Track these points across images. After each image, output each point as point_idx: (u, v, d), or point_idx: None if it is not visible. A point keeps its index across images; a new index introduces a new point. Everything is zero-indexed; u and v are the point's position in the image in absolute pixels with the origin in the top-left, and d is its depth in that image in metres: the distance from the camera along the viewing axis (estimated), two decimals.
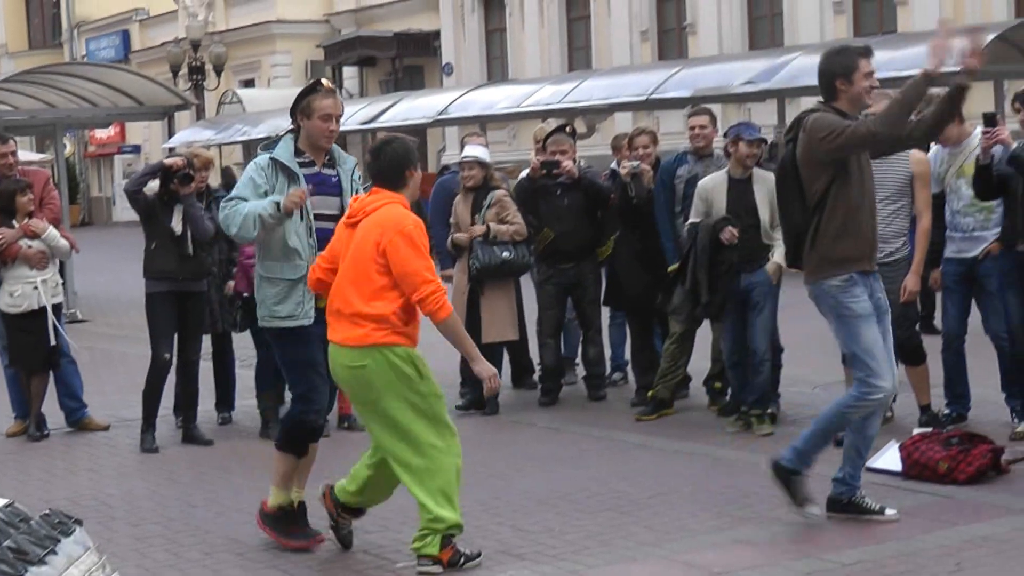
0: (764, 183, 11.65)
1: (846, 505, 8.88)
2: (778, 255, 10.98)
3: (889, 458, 10.31)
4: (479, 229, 13.08)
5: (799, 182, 8.65)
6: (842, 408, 8.93)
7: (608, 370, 14.28)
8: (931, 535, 8.71)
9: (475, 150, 13.86)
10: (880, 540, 8.63)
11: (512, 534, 9.04)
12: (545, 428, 12.69)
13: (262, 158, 9.16)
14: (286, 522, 8.85)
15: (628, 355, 14.14)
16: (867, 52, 8.99)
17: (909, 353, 11.30)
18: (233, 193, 9.11)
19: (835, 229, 8.54)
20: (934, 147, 11.61)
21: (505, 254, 13.00)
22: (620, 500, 9.85)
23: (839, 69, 8.80)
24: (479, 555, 8.42)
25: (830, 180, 8.54)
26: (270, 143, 9.36)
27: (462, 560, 8.30)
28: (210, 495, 10.60)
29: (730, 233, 11.53)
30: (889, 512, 8.80)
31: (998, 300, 11.34)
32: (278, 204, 8.66)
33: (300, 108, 9.21)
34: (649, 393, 12.73)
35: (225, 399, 13.33)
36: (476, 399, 13.27)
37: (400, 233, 8.13)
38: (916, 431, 10.64)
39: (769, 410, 12.12)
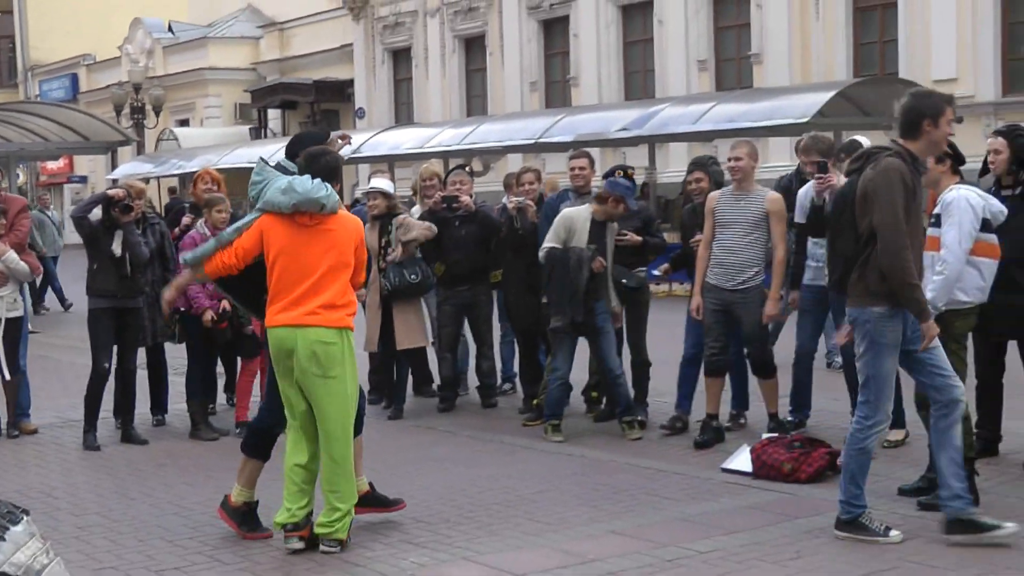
0: (612, 231, 11.88)
1: (850, 524, 8.39)
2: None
3: (741, 460, 10.42)
4: (398, 253, 13.03)
5: (853, 215, 8.21)
6: (857, 443, 8.41)
7: (499, 381, 14.34)
8: (776, 527, 8.81)
9: (379, 182, 13.90)
10: (731, 532, 8.69)
11: (413, 525, 9.04)
12: (443, 432, 12.68)
13: None
14: (249, 516, 8.87)
15: (516, 368, 14.21)
16: (952, 100, 8.58)
17: (761, 367, 11.39)
18: None
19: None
20: (807, 185, 11.75)
21: (412, 277, 12.98)
22: (508, 495, 9.89)
23: (929, 111, 8.27)
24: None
25: None
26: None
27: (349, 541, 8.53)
28: (145, 489, 10.54)
29: (600, 263, 11.61)
30: (894, 534, 8.31)
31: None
32: None
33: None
34: (534, 401, 12.80)
35: (158, 404, 13.25)
36: (384, 402, 13.50)
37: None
38: (764, 436, 10.74)
39: (639, 417, 12.23)
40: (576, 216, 11.76)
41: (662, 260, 13.40)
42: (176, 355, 13.34)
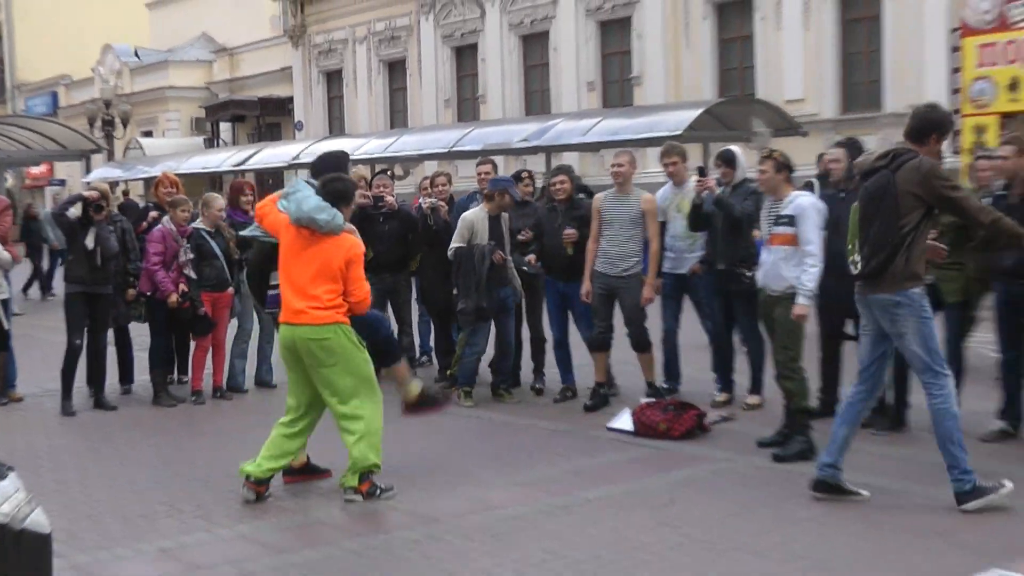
0: (505, 221, 11.87)
1: (831, 487, 8.06)
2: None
3: (624, 421, 10.44)
4: None
5: (897, 206, 7.83)
6: (940, 412, 7.84)
7: (417, 354, 14.30)
8: (652, 477, 8.85)
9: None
10: (615, 482, 8.71)
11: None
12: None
13: None
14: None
15: (432, 343, 14.17)
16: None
17: (639, 343, 11.41)
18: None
19: (919, 251, 7.88)
20: (664, 188, 11.82)
21: None
22: (426, 452, 9.86)
23: (940, 125, 8.08)
24: (392, 488, 8.49)
25: (924, 212, 7.82)
26: None
27: (378, 492, 8.39)
28: (114, 448, 10.43)
29: (500, 255, 11.62)
30: (865, 493, 8.05)
31: (705, 305, 11.55)
32: None
33: None
34: (448, 372, 12.76)
35: (125, 375, 13.14)
36: None
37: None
38: (643, 400, 10.76)
39: (536, 385, 12.43)
40: (474, 218, 11.76)
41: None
42: (140, 334, 13.16)
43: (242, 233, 10.74)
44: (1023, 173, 9.39)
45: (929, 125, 8.01)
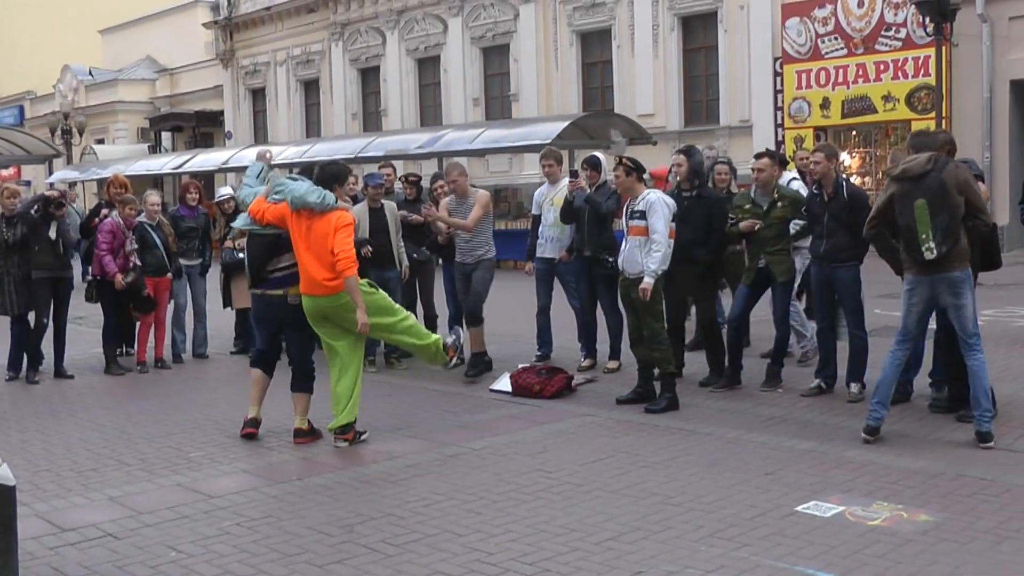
0: (391, 211, 11.76)
1: (878, 430, 8.02)
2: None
3: (503, 383, 10.43)
4: (228, 244, 12.90)
5: (955, 202, 7.79)
6: (977, 373, 7.89)
7: None
8: (528, 430, 8.83)
9: (228, 189, 14.13)
10: (497, 434, 8.69)
11: (263, 433, 8.82)
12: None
13: None
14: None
15: None
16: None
17: (473, 318, 11.32)
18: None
19: (965, 237, 7.94)
20: (542, 186, 11.78)
21: (239, 255, 12.49)
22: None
23: (947, 144, 8.37)
24: (365, 432, 8.63)
25: (963, 205, 7.85)
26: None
27: (360, 436, 8.52)
28: (71, 411, 10.21)
29: (367, 250, 11.31)
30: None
31: (573, 287, 11.53)
32: None
33: None
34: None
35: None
36: (244, 348, 13.04)
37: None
38: (520, 366, 10.73)
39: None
40: (358, 212, 11.58)
41: None
42: (94, 313, 12.88)
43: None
44: (831, 175, 9.49)
45: (950, 144, 8.42)
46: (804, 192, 10.42)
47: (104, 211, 12.77)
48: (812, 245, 9.72)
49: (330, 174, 8.66)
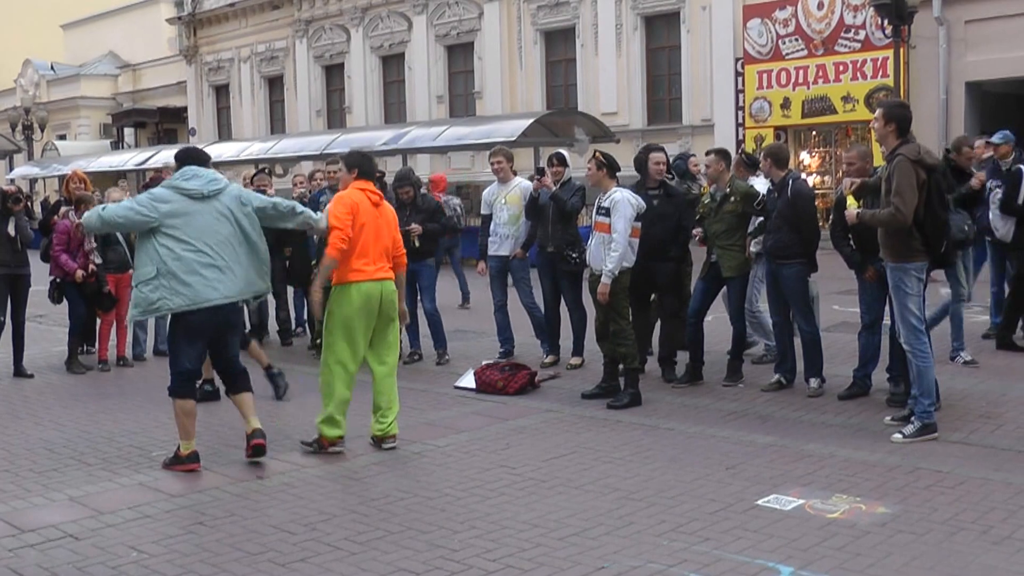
0: None
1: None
2: None
3: (467, 379, 10.41)
4: None
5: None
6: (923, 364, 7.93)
7: (293, 326, 14.09)
8: (492, 427, 8.81)
9: None
10: (460, 431, 8.67)
11: (227, 432, 8.78)
12: (251, 364, 12.03)
13: None
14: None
15: (306, 316, 13.98)
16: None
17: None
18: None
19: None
20: (492, 184, 11.78)
21: None
22: (299, 408, 9.67)
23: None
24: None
25: None
26: None
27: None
28: (31, 410, 10.07)
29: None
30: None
31: (526, 285, 11.51)
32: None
33: None
34: (316, 340, 12.58)
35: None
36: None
37: None
38: (483, 363, 10.72)
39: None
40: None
41: None
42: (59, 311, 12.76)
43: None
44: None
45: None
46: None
47: (64, 208, 12.63)
48: (763, 241, 9.81)
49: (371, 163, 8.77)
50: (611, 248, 9.17)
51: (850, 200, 8.77)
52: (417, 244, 11.45)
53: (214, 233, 7.55)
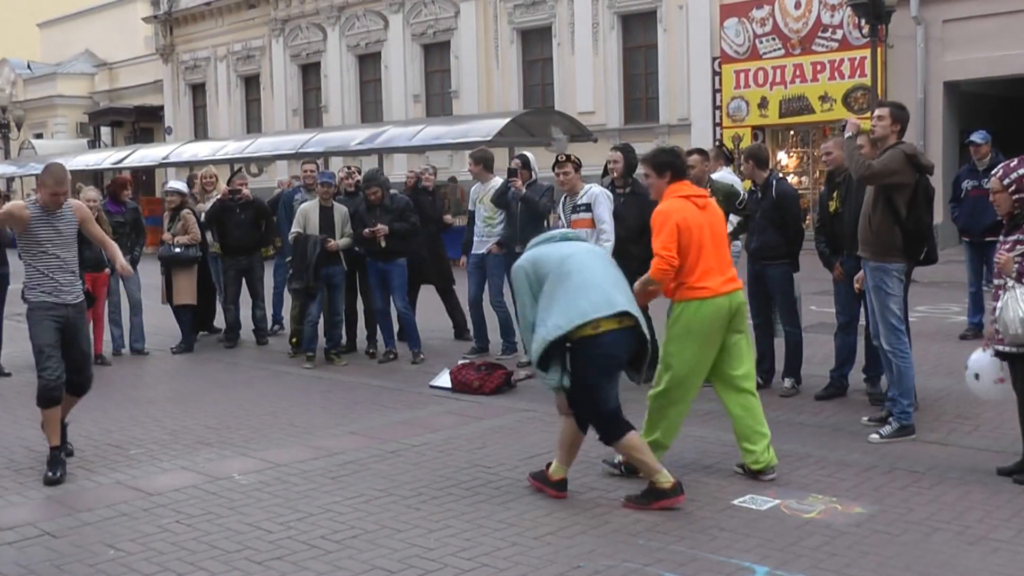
0: (339, 211, 11.85)
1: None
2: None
3: (443, 379, 10.41)
4: (167, 238, 13.04)
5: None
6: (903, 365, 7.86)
7: (270, 324, 14.06)
8: (467, 426, 8.81)
9: (175, 184, 13.94)
10: (436, 430, 8.66)
11: (204, 431, 8.78)
12: (227, 363, 12.35)
13: None
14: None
15: (284, 313, 13.96)
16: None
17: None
18: None
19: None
20: (475, 184, 11.84)
21: (176, 250, 12.91)
22: (274, 407, 9.67)
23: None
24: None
25: None
26: None
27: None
28: (7, 408, 10.04)
29: (332, 244, 11.61)
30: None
31: (497, 282, 11.52)
32: None
33: None
34: (292, 339, 12.55)
35: None
36: (185, 345, 13.10)
37: None
38: (460, 361, 10.74)
39: (370, 350, 12.41)
40: (309, 208, 11.82)
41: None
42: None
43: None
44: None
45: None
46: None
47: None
48: (746, 241, 9.80)
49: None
50: (603, 237, 9.26)
51: (832, 205, 8.90)
52: (383, 244, 11.47)
53: None
